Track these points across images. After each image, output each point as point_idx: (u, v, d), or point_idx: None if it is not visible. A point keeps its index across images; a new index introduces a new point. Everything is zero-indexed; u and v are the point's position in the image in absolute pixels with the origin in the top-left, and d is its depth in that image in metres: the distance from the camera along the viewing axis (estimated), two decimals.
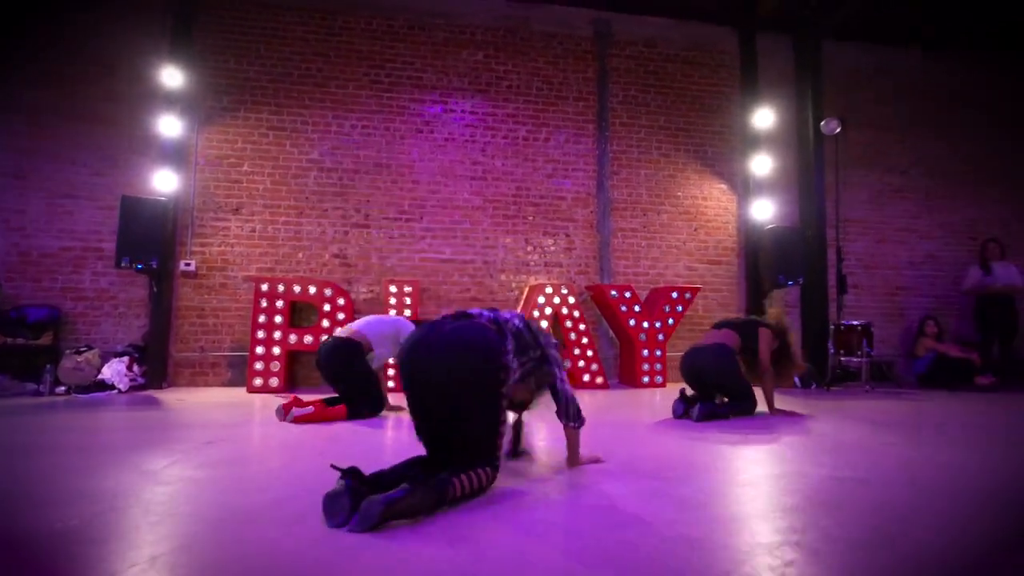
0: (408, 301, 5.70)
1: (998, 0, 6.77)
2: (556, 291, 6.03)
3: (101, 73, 5.76)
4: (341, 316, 5.60)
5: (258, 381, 5.35)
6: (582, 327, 6.05)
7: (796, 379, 6.18)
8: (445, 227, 6.33)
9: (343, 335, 3.94)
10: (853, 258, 7.17)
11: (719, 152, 7.00)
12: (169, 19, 5.83)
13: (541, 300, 5.96)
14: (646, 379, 6.10)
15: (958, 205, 7.66)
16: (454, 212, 6.36)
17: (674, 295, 6.28)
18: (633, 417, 4.13)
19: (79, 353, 5.16)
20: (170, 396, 4.99)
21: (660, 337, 6.18)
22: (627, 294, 6.16)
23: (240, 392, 5.34)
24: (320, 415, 3.59)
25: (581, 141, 6.70)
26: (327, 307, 5.59)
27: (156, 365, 5.52)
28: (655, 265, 6.78)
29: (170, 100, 5.62)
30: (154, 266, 5.09)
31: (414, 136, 6.33)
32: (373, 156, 6.23)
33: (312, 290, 5.59)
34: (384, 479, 1.72)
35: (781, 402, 4.34)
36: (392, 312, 5.61)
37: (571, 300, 6.06)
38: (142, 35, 5.81)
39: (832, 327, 6.32)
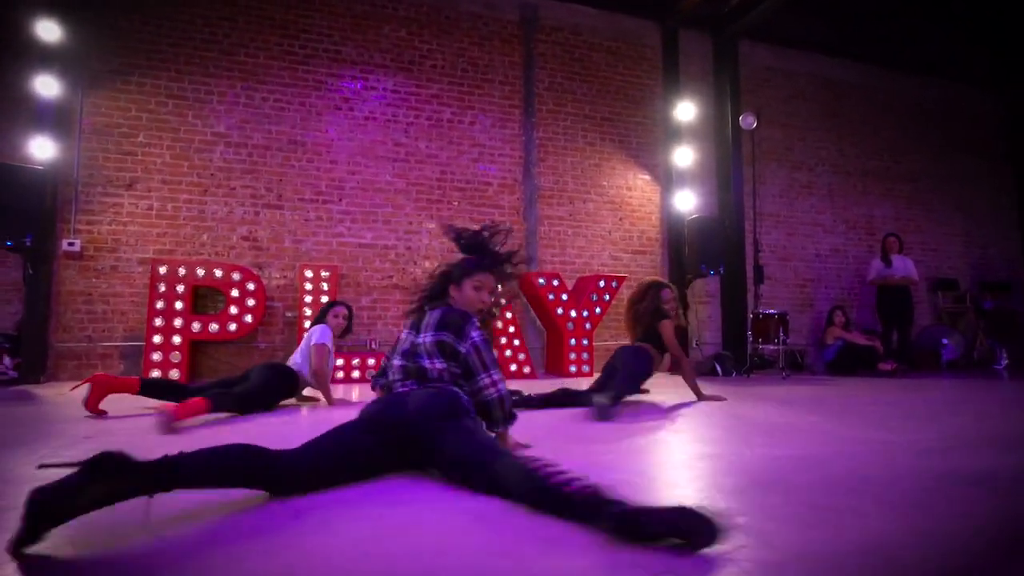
0: (325, 287, 5.59)
1: (887, 16, 7.57)
2: None
3: None
4: (251, 302, 5.41)
5: (156, 373, 5.06)
6: (509, 315, 6.16)
7: (717, 366, 6.60)
8: (365, 210, 6.25)
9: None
10: (768, 250, 7.74)
11: (643, 143, 7.34)
12: None
13: None
14: (573, 368, 6.29)
15: (855, 202, 8.47)
16: (375, 195, 6.29)
17: (601, 284, 6.52)
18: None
19: None
20: (49, 390, 4.61)
21: (587, 326, 6.40)
22: (555, 282, 6.33)
23: None
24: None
25: (507, 126, 6.82)
26: (235, 292, 5.38)
27: (32, 357, 5.10)
28: (581, 254, 7.00)
29: (46, 57, 5.19)
30: (27, 243, 4.69)
31: (332, 113, 6.21)
32: (287, 132, 6.05)
33: (218, 274, 5.36)
34: None
35: (704, 389, 4.56)
36: (307, 298, 5.49)
37: (497, 288, 6.13)
38: None
39: (750, 316, 6.77)
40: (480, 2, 6.81)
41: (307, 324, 5.40)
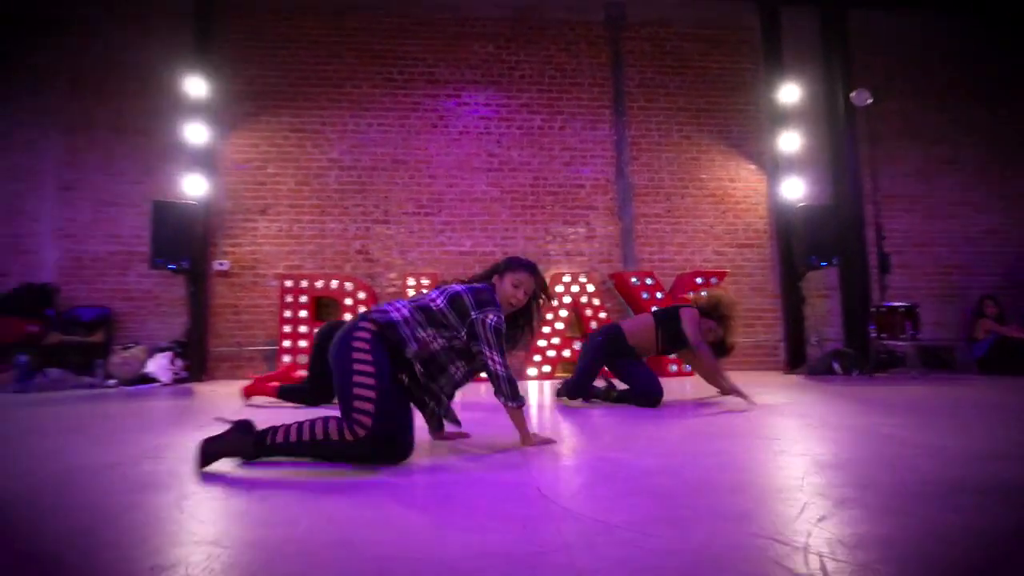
0: (425, 292, 6.09)
1: None
2: (574, 279, 6.29)
3: (135, 86, 6.50)
4: (363, 310, 6.07)
5: None
6: (602, 315, 6.28)
7: (835, 364, 6.18)
8: (463, 220, 6.71)
9: None
10: (900, 236, 7.09)
11: (745, 131, 7.07)
12: (191, 32, 6.45)
13: (559, 289, 6.23)
14: (673, 368, 6.25)
15: (1018, 173, 7.39)
16: (472, 205, 6.73)
17: (699, 280, 6.41)
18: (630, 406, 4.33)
19: (126, 349, 5.87)
20: (206, 388, 5.58)
21: None
22: (648, 280, 6.34)
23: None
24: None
25: (598, 127, 6.94)
26: (348, 301, 6.08)
27: (196, 359, 6.16)
28: (681, 251, 6.91)
29: (196, 108, 6.26)
30: (185, 266, 5.71)
31: (429, 131, 6.76)
32: (390, 153, 6.70)
33: (333, 285, 6.10)
34: None
35: (815, 391, 4.30)
36: None
37: (590, 288, 6.31)
38: (169, 48, 6.48)
39: (873, 309, 6.26)
40: (565, 8, 7.00)
41: None
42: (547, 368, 6.05)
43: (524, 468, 2.15)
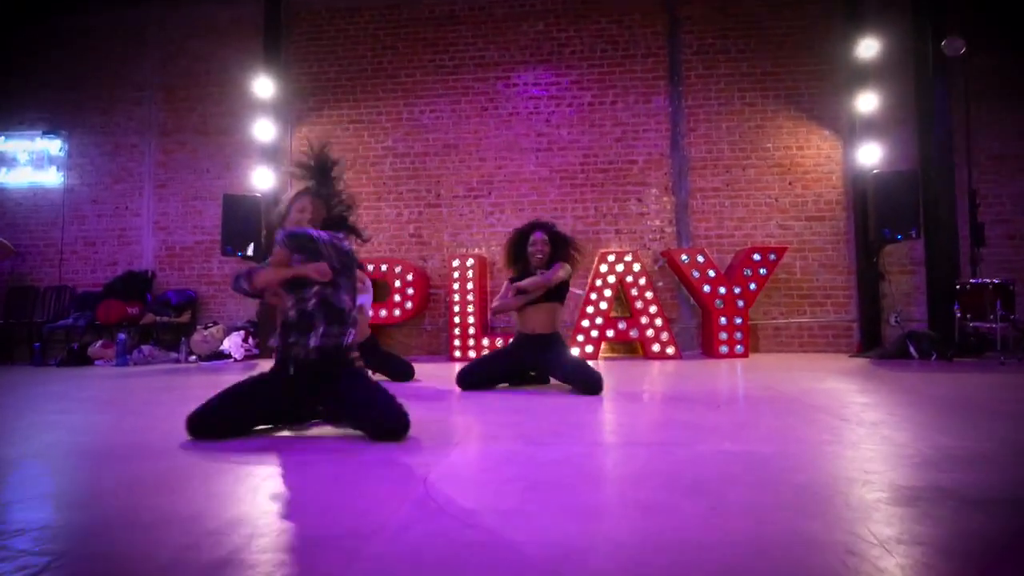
0: (471, 275, 6.33)
1: None
2: (619, 258, 6.23)
3: (215, 91, 7.25)
4: (411, 291, 6.43)
5: None
6: (649, 295, 6.19)
7: (911, 347, 5.69)
8: (512, 200, 6.85)
9: None
10: (1009, 202, 6.34)
11: (817, 93, 6.57)
12: (260, 37, 7.07)
13: (604, 268, 6.21)
14: (724, 348, 6.06)
15: None
16: (521, 185, 6.85)
17: (756, 257, 6.12)
18: (652, 388, 4.31)
19: (207, 328, 6.63)
20: (269, 364, 6.18)
21: (740, 304, 6.07)
22: (699, 258, 6.15)
23: None
24: None
25: (652, 100, 6.76)
26: (397, 283, 6.45)
27: (266, 338, 6.82)
28: (742, 226, 6.61)
29: (264, 107, 6.86)
30: (250, 253, 6.33)
31: (479, 115, 6.93)
32: (442, 138, 6.96)
33: (384, 268, 6.49)
34: None
35: (862, 377, 4.08)
36: (455, 285, 6.30)
37: (636, 267, 6.22)
38: (242, 53, 7.16)
39: (957, 287, 5.67)
40: None
41: (456, 308, 6.27)
42: (589, 348, 6.08)
43: (434, 453, 2.22)
